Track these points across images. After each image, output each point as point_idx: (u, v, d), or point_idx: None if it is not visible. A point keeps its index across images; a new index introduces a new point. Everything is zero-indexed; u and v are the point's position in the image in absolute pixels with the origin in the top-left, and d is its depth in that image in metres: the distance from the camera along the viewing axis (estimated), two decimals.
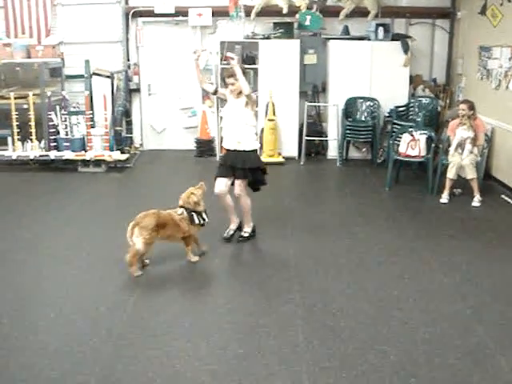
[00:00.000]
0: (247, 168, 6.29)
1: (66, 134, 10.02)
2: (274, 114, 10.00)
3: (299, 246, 6.42)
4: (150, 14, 10.70)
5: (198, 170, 9.92)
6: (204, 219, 5.97)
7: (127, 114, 10.82)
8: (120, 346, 4.43)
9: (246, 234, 6.58)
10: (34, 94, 9.75)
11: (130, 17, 10.81)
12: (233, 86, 6.18)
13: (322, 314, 4.87)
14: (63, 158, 9.73)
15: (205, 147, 10.72)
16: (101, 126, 10.06)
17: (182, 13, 10.54)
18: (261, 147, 6.64)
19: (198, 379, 4.00)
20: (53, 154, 9.78)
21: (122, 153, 9.94)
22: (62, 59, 10.74)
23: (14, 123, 9.74)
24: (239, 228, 6.63)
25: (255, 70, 10.27)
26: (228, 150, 6.42)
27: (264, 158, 9.97)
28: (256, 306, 5.07)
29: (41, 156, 9.83)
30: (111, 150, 9.84)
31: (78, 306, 5.13)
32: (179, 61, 10.82)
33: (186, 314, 4.98)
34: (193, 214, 5.86)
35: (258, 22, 10.45)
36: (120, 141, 10.32)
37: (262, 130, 10.11)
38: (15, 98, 9.75)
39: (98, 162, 9.64)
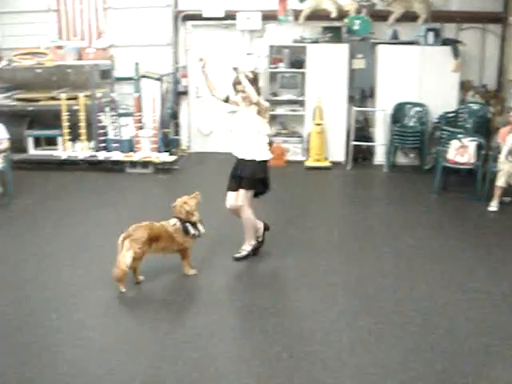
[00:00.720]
0: (254, 178, 5.99)
1: (115, 135, 10.19)
2: (321, 118, 9.97)
3: (345, 251, 6.39)
4: (199, 17, 10.78)
5: None
6: (199, 230, 5.69)
7: (175, 116, 10.94)
8: (165, 346, 4.48)
9: (244, 253, 6.18)
10: (84, 96, 9.94)
11: (179, 20, 10.91)
12: (244, 94, 5.90)
13: (367, 320, 4.83)
14: (111, 158, 9.91)
15: None
16: (149, 127, 10.21)
17: (230, 16, 10.58)
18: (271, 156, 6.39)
19: (241, 381, 4.02)
20: (102, 155, 9.97)
21: (169, 155, 10.04)
22: (112, 61, 10.93)
23: (65, 124, 9.95)
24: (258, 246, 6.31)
25: (303, 75, 10.26)
26: (237, 158, 6.09)
27: (310, 163, 10.01)
28: (300, 310, 5.06)
29: (90, 156, 10.02)
30: (159, 151, 9.97)
31: (125, 304, 5.21)
32: (227, 64, 10.84)
33: (230, 315, 5.00)
34: (187, 224, 5.60)
35: (306, 26, 10.43)
36: (167, 143, 10.42)
37: (309, 134, 10.11)
38: (66, 99, 9.96)
39: (145, 164, 9.76)
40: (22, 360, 4.29)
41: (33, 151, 10.49)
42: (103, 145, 10.13)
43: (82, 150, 10.08)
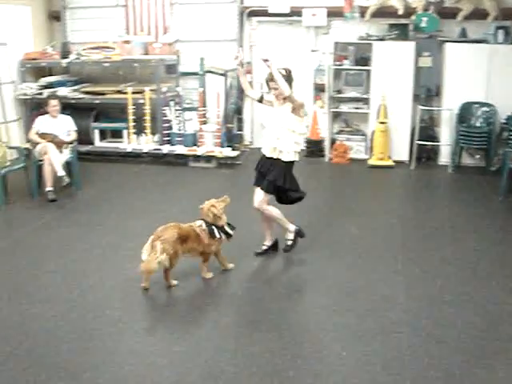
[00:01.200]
0: (275, 184, 5.88)
1: (179, 130, 10.32)
2: (385, 116, 9.86)
3: (407, 252, 6.29)
4: (264, 13, 10.79)
5: (307, 170, 9.92)
6: (227, 233, 5.61)
7: (239, 111, 10.99)
8: (224, 338, 4.53)
9: (289, 242, 6.22)
10: (150, 90, 10.08)
11: (244, 16, 10.95)
12: (276, 91, 5.73)
13: (428, 323, 4.76)
14: (175, 152, 10.04)
15: (315, 147, 10.66)
16: (213, 122, 10.30)
17: (296, 13, 10.55)
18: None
19: (300, 379, 4.02)
20: (165, 148, 10.12)
21: (232, 149, 10.09)
22: (178, 56, 11.03)
23: (130, 117, 10.13)
24: (274, 246, 6.27)
25: (368, 72, 10.16)
26: (264, 156, 5.97)
27: (373, 161, 9.91)
28: (360, 309, 5.03)
29: (154, 149, 10.17)
30: (222, 146, 10.05)
31: (187, 293, 5.28)
32: (292, 60, 10.85)
33: (292, 312, 5.00)
34: (213, 227, 5.51)
35: (372, 23, 10.31)
36: (231, 138, 10.47)
37: (373, 133, 10.02)
38: (132, 93, 10.13)
39: (208, 158, 9.85)
40: (86, 346, 4.42)
41: (98, 143, 10.71)
42: (167, 138, 10.28)
43: (147, 143, 10.26)
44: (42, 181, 8.27)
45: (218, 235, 5.53)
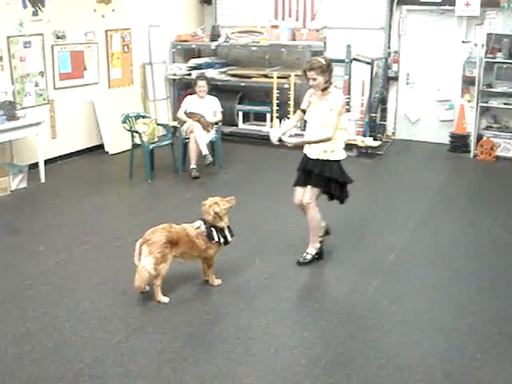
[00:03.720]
0: (324, 177, 5.48)
1: None
2: None
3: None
4: (415, 2, 10.53)
5: (450, 165, 9.66)
6: (226, 237, 5.09)
7: (383, 101, 10.83)
8: (357, 329, 4.52)
9: (309, 257, 5.70)
10: (295, 75, 10.13)
11: (394, 4, 10.74)
12: (314, 82, 5.33)
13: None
14: None
15: (459, 142, 10.32)
16: (356, 111, 10.22)
17: (448, 2, 10.21)
18: None
19: (430, 376, 3.94)
20: None
21: (374, 139, 9.98)
22: (325, 43, 10.99)
23: (274, 101, 10.23)
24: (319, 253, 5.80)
25: None
26: (306, 155, 5.63)
27: None
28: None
29: (295, 134, 10.19)
30: (364, 135, 9.97)
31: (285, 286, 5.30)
32: (441, 51, 10.57)
33: (426, 306, 4.90)
34: (212, 229, 5.01)
35: None
36: (374, 127, 10.35)
37: None
38: (277, 78, 10.24)
39: (349, 146, 9.75)
40: (221, 319, 4.54)
41: (242, 125, 10.91)
42: None
43: None
44: (186, 158, 8.59)
45: (216, 238, 5.03)
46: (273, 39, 10.65)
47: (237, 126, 10.86)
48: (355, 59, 10.34)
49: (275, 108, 10.33)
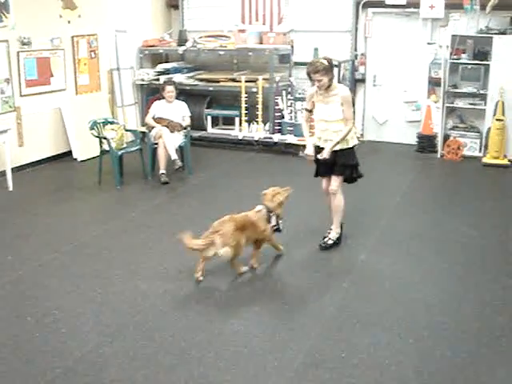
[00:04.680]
0: (346, 164, 5.93)
1: (290, 119, 10.36)
2: (503, 113, 9.51)
3: None
4: (380, 4, 10.62)
5: (418, 165, 9.76)
6: (279, 224, 5.68)
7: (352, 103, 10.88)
8: (329, 330, 4.55)
9: (330, 242, 6.11)
10: (263, 79, 10.18)
11: (360, 7, 10.83)
12: (320, 83, 5.65)
13: None
14: (286, 141, 10.11)
15: (426, 143, 10.43)
16: None
17: (413, 4, 10.32)
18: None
19: (401, 375, 3.97)
20: (276, 137, 10.19)
21: None
22: (292, 46, 11.05)
23: (243, 105, 10.26)
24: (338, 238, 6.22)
25: (486, 67, 9.81)
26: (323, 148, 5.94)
27: (487, 160, 9.59)
28: (465, 311, 4.91)
29: (264, 138, 10.27)
30: None
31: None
32: (407, 53, 10.69)
33: (397, 306, 4.94)
34: (271, 214, 5.59)
35: (493, 15, 9.89)
36: None
37: (489, 130, 9.68)
38: (245, 82, 10.27)
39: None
40: (193, 325, 4.54)
41: (211, 129, 10.91)
42: (278, 128, 10.34)
43: (258, 131, 10.37)
44: (155, 164, 8.56)
45: (273, 222, 5.60)
46: (240, 43, 10.67)
47: (206, 130, 10.85)
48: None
49: (244, 112, 10.35)
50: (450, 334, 4.48)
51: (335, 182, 5.97)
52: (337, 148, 5.84)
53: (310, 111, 6.04)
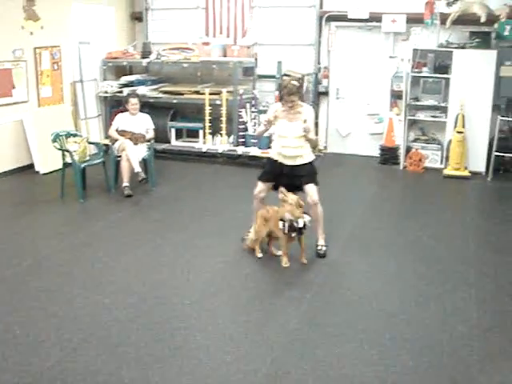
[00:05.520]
0: (314, 172, 6.26)
1: (254, 131, 10.38)
2: (463, 126, 9.67)
3: (479, 264, 6.15)
4: (343, 18, 10.75)
5: (381, 177, 9.87)
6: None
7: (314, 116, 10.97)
8: (293, 341, 4.54)
9: (324, 248, 6.24)
10: (227, 91, 10.20)
11: (323, 21, 10.94)
12: (293, 103, 5.91)
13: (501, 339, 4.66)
14: (249, 154, 10.13)
15: (389, 155, 10.57)
16: None
17: (375, 18, 10.48)
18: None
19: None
20: (240, 150, 10.22)
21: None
22: (256, 59, 11.12)
23: (207, 117, 10.27)
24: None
25: (447, 80, 9.98)
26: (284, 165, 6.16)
27: (449, 171, 9.73)
28: (430, 319, 4.96)
29: (229, 150, 10.29)
30: None
31: (256, 295, 5.32)
32: (369, 66, 10.83)
33: (360, 317, 4.97)
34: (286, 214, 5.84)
35: (453, 30, 10.09)
36: None
37: (450, 142, 9.83)
38: (209, 94, 10.28)
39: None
40: (156, 338, 4.52)
41: (174, 142, 10.89)
42: (242, 140, 10.37)
43: (222, 143, 10.39)
44: (119, 176, 8.51)
45: (301, 224, 5.84)
46: (204, 56, 10.70)
47: (169, 142, 10.83)
48: (286, 75, 10.42)
49: (208, 124, 10.36)
50: (412, 344, 4.52)
51: (312, 191, 6.10)
52: (303, 161, 6.06)
53: (270, 122, 6.08)
